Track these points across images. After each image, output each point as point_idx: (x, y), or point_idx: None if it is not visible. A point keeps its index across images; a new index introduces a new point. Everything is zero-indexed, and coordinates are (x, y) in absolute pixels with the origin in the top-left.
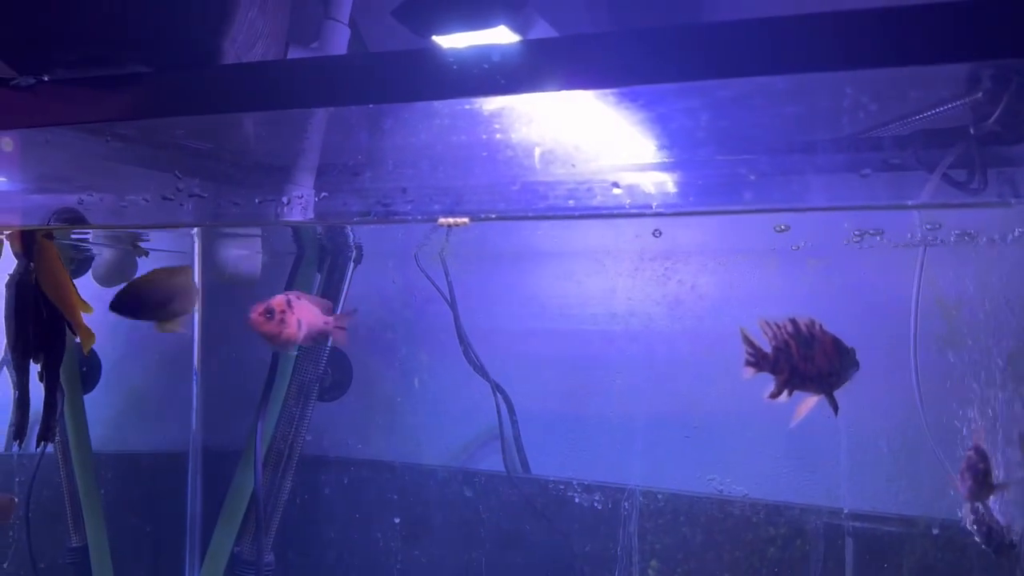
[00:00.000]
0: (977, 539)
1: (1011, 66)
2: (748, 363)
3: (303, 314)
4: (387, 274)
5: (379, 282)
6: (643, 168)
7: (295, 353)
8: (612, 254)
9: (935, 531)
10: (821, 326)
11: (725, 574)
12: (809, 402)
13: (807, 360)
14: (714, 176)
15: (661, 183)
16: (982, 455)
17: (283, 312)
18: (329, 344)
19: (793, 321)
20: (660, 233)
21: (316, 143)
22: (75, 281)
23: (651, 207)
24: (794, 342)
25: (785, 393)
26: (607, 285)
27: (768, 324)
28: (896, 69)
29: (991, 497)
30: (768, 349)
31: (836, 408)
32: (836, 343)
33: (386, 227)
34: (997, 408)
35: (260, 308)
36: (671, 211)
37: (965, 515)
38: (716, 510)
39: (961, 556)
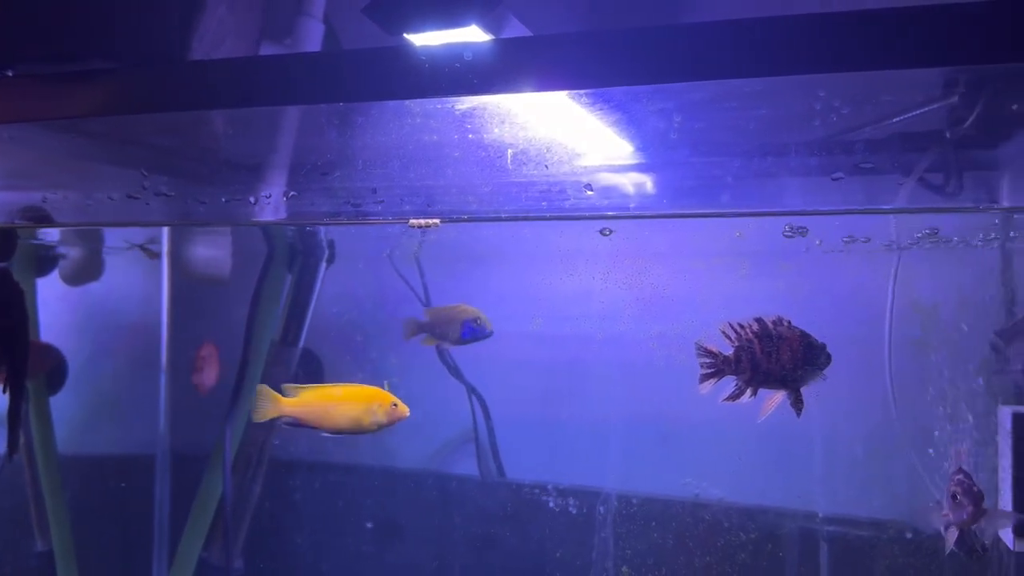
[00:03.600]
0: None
1: (985, 71)
2: (705, 375)
3: None
4: (360, 274)
5: (352, 282)
6: (616, 170)
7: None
8: (588, 257)
9: (908, 535)
10: (789, 323)
11: None
12: (776, 398)
13: (771, 358)
14: (688, 179)
15: (634, 185)
16: (970, 481)
17: None
18: (300, 345)
19: (759, 320)
20: (634, 236)
21: (284, 142)
22: (40, 280)
23: (625, 208)
24: (759, 341)
25: (749, 393)
26: (583, 288)
27: (731, 326)
28: (872, 73)
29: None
30: (730, 352)
31: (800, 407)
32: (804, 339)
33: (360, 227)
34: (968, 412)
35: None
36: (645, 213)
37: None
38: (691, 514)
39: (933, 560)
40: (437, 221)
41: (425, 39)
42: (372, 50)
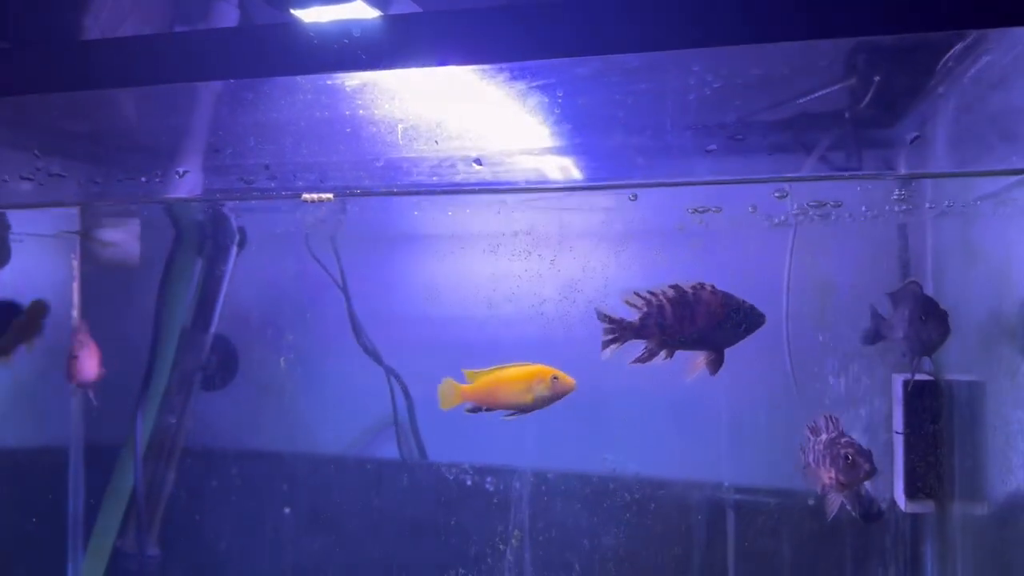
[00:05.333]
0: (849, 509)
1: (881, 49)
2: (606, 341)
3: None
4: (276, 258)
5: (267, 266)
6: (505, 145)
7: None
8: (507, 237)
9: (811, 502)
10: (712, 287)
11: (614, 550)
12: (702, 359)
13: (684, 322)
14: (579, 153)
15: (524, 160)
16: (857, 448)
17: None
18: (212, 331)
19: (675, 286)
20: (552, 215)
21: (175, 121)
22: None
23: (515, 184)
24: (671, 305)
25: (663, 355)
26: (502, 268)
27: (637, 294)
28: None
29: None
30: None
31: (717, 366)
32: (726, 302)
33: (274, 210)
34: (866, 380)
35: None
36: (535, 187)
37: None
38: (605, 487)
39: (834, 525)
40: (330, 196)
41: (313, 15)
42: (260, 27)
